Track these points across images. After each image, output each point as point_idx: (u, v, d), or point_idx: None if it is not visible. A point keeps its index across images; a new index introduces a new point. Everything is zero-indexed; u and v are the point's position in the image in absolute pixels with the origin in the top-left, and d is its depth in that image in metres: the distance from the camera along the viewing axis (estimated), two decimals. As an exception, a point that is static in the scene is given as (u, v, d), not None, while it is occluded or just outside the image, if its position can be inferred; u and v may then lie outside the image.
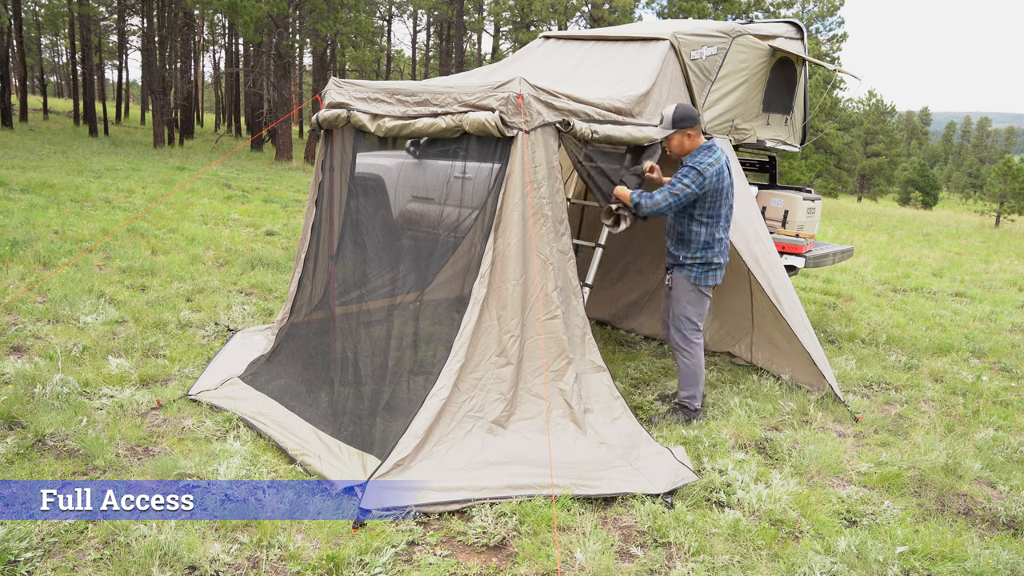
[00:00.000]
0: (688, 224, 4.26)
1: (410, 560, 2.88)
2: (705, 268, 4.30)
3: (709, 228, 4.23)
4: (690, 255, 4.29)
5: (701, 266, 4.29)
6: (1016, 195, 27.90)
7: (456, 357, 3.64)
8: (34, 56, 50.58)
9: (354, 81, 4.50)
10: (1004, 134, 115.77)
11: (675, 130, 4.20)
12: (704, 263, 4.29)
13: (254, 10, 21.00)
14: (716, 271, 4.33)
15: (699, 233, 4.24)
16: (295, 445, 3.62)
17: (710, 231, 4.24)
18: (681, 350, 4.44)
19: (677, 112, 4.19)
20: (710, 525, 3.25)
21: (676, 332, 4.45)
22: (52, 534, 2.83)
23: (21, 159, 15.71)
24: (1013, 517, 3.55)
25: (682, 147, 4.25)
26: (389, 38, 46.78)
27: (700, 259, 4.28)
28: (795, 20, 6.10)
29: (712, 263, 4.29)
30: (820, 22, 32.17)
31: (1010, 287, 10.78)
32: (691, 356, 4.41)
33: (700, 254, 4.27)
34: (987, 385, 5.70)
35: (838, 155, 44.27)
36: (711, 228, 4.23)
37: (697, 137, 4.23)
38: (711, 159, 4.11)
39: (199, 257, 7.83)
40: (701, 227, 4.23)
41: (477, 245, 3.84)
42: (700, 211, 4.20)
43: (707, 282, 4.33)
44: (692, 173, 4.09)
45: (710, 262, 4.29)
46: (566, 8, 30.76)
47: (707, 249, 4.26)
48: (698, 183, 4.08)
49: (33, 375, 4.22)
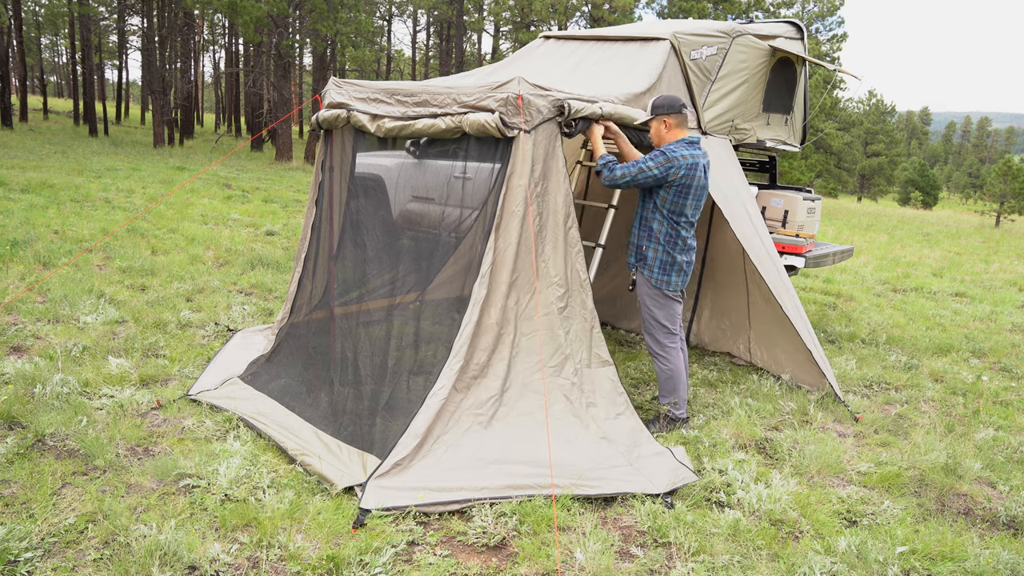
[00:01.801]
0: (650, 222, 4.14)
1: (410, 560, 2.88)
2: (665, 271, 4.15)
3: (671, 224, 4.09)
4: (650, 255, 4.16)
5: (661, 267, 4.15)
6: (1016, 195, 27.90)
7: (456, 357, 3.64)
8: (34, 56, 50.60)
9: (354, 81, 4.50)
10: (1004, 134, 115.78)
11: (652, 116, 4.11)
12: (664, 265, 4.14)
13: (254, 10, 21.00)
14: (677, 275, 4.17)
15: (660, 226, 4.11)
16: (295, 445, 3.62)
17: (672, 227, 4.09)
18: (656, 355, 4.30)
19: (657, 99, 4.11)
20: (710, 525, 3.25)
21: (648, 337, 4.32)
22: (52, 534, 2.83)
23: (21, 159, 15.71)
24: (1013, 517, 3.56)
25: (659, 136, 4.13)
26: (389, 38, 46.78)
27: (660, 261, 4.13)
28: (795, 20, 6.11)
29: (673, 266, 4.14)
30: (820, 22, 32.18)
31: (1010, 287, 10.78)
32: (667, 361, 4.28)
33: (661, 255, 4.13)
34: (987, 385, 5.70)
35: (838, 155, 44.27)
36: (672, 224, 4.09)
37: (677, 129, 4.09)
38: (686, 152, 3.97)
39: (199, 257, 7.83)
40: (663, 220, 4.10)
41: (477, 245, 3.84)
42: (662, 202, 4.06)
43: (668, 288, 4.17)
44: (660, 157, 3.96)
45: (671, 265, 4.14)
46: (566, 8, 30.76)
47: (669, 251, 4.12)
48: (662, 169, 3.93)
49: (33, 375, 4.22)
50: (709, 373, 5.51)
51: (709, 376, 5.43)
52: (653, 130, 4.16)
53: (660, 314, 4.23)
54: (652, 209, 4.15)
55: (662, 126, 4.11)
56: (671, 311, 4.25)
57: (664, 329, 4.25)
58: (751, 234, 4.93)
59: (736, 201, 4.95)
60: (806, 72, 6.34)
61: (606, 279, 6.62)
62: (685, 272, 4.20)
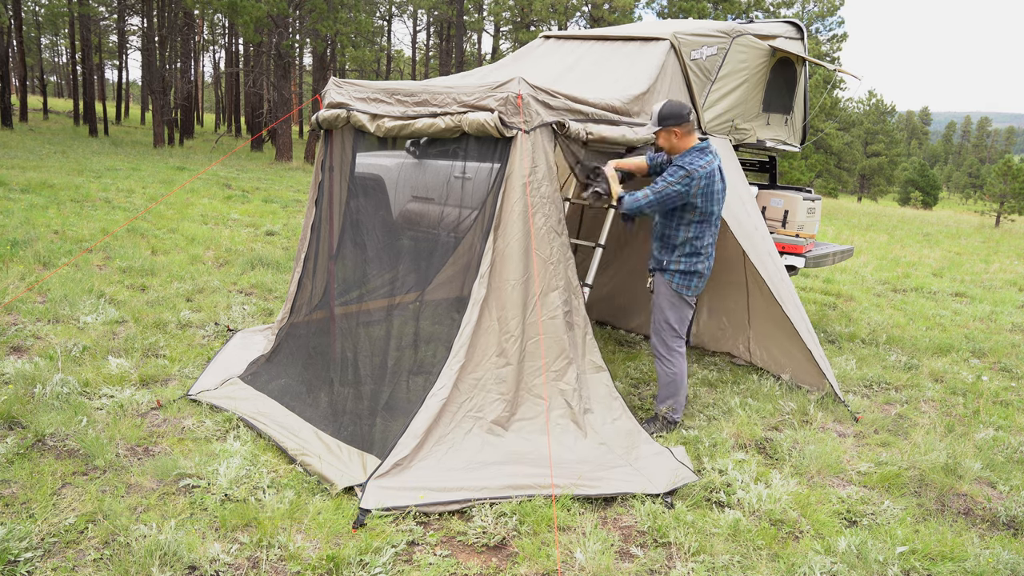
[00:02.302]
0: (675, 227, 4.09)
1: (410, 560, 2.88)
2: (687, 276, 4.13)
3: (696, 234, 4.06)
4: (673, 259, 4.13)
5: (683, 273, 4.13)
6: (1016, 195, 27.91)
7: (456, 357, 3.64)
8: (34, 56, 50.59)
9: (354, 81, 4.50)
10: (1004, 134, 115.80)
11: (660, 128, 4.04)
12: (687, 271, 4.12)
13: (254, 10, 21.00)
14: (698, 280, 4.16)
15: (685, 238, 4.08)
16: (295, 445, 3.62)
17: (697, 237, 4.07)
18: (661, 358, 4.29)
19: (663, 109, 4.03)
20: (710, 525, 3.25)
21: (656, 338, 4.31)
22: (52, 534, 2.83)
23: (21, 159, 15.71)
24: (1013, 517, 3.55)
25: (670, 145, 4.09)
26: (389, 38, 46.78)
27: (683, 266, 4.11)
28: (795, 20, 6.11)
29: (695, 271, 4.12)
30: (820, 22, 32.19)
31: (1010, 287, 10.78)
32: (672, 364, 4.26)
33: (684, 260, 4.11)
34: (987, 385, 5.70)
35: (838, 155, 44.28)
36: (698, 234, 4.06)
37: (687, 136, 4.05)
38: (703, 161, 3.94)
39: (199, 257, 7.83)
40: (689, 232, 4.07)
41: (477, 245, 3.84)
42: (688, 215, 4.02)
43: (687, 292, 4.17)
44: (679, 173, 3.91)
45: (693, 270, 4.12)
46: (566, 8, 30.77)
47: (692, 256, 4.09)
48: (685, 184, 3.90)
49: (33, 375, 4.21)
50: (709, 373, 5.51)
51: (709, 376, 5.43)
52: (663, 140, 4.10)
53: (673, 317, 4.23)
54: (675, 223, 4.10)
55: (672, 136, 4.05)
56: (683, 314, 4.25)
57: (673, 332, 4.25)
58: (751, 234, 4.93)
59: (735, 202, 4.95)
60: (806, 72, 6.34)
61: (606, 279, 6.62)
62: (705, 277, 4.20)
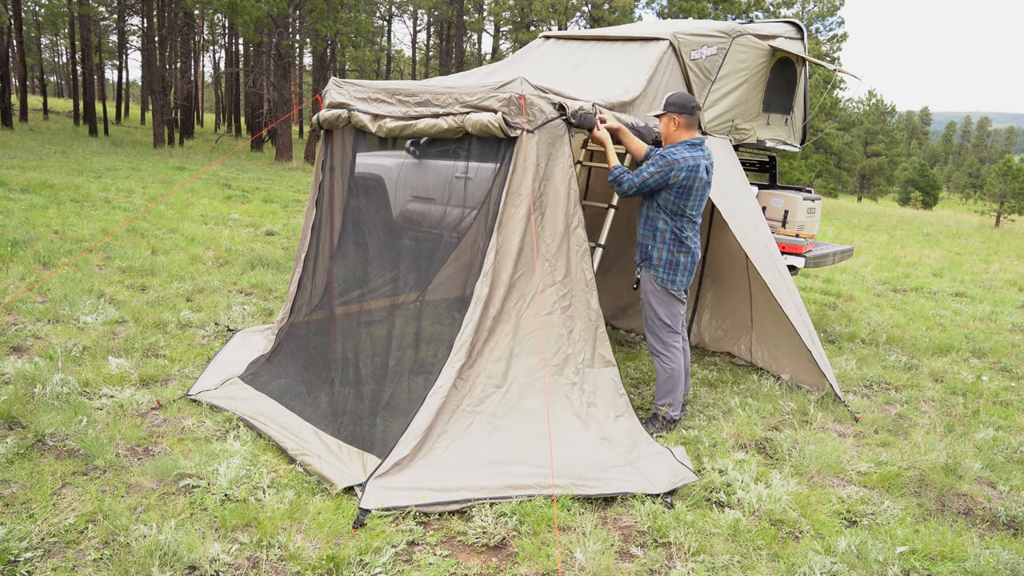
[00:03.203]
0: (657, 213, 4.17)
1: (410, 560, 2.88)
2: (670, 268, 4.17)
3: (675, 223, 4.12)
4: (656, 247, 4.18)
5: (667, 266, 4.18)
6: (1016, 195, 27.90)
7: (457, 355, 3.64)
8: (34, 56, 50.59)
9: (354, 81, 4.50)
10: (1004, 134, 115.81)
11: (664, 112, 4.15)
12: (670, 263, 4.16)
13: (254, 10, 20.99)
14: (683, 274, 4.20)
15: (665, 225, 4.14)
16: (295, 445, 3.62)
17: (676, 226, 4.12)
18: (658, 354, 4.30)
19: (672, 96, 4.16)
20: (710, 525, 3.25)
21: (651, 335, 4.33)
22: (52, 534, 2.83)
23: (21, 159, 15.71)
24: (1013, 517, 3.56)
25: (667, 132, 4.17)
26: (389, 38, 46.77)
27: (666, 256, 4.16)
28: (795, 20, 6.11)
29: (678, 262, 4.17)
30: (820, 22, 32.18)
31: (1010, 287, 10.78)
32: (669, 360, 4.28)
33: (667, 249, 4.16)
34: (987, 385, 5.70)
35: (838, 155, 44.26)
36: (676, 223, 4.11)
37: (684, 129, 4.11)
38: (688, 154, 4.00)
39: (199, 257, 7.83)
40: (667, 220, 4.12)
41: (479, 244, 3.84)
42: (665, 202, 4.08)
43: (673, 287, 4.20)
44: (661, 161, 4.00)
45: (677, 259, 4.16)
46: (566, 8, 30.76)
47: (674, 244, 4.14)
48: (663, 172, 3.98)
49: (33, 375, 4.21)
50: (709, 373, 5.51)
51: (709, 376, 5.43)
52: (662, 125, 4.21)
53: (663, 312, 4.25)
54: (656, 209, 4.17)
55: (671, 123, 4.14)
56: (673, 309, 4.26)
57: (667, 327, 4.27)
58: (751, 234, 4.93)
59: (735, 202, 4.95)
60: (806, 72, 6.34)
61: (606, 279, 6.61)
62: (689, 271, 4.23)
